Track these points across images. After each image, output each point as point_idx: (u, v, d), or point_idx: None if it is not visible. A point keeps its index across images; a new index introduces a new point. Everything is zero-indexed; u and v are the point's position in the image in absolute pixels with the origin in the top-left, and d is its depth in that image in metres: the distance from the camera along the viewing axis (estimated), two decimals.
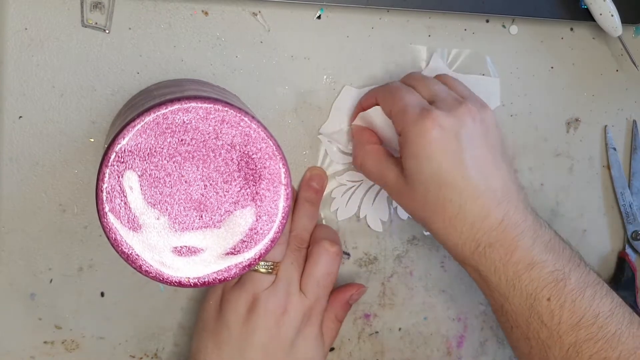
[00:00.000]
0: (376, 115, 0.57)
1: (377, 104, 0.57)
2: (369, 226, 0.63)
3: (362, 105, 0.59)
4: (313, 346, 0.58)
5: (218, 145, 0.46)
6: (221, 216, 0.46)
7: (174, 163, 0.45)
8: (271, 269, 0.56)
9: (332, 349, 0.56)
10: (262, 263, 0.55)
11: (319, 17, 0.59)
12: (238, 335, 0.55)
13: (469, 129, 0.52)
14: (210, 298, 0.57)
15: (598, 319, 0.51)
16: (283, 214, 0.47)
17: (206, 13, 0.57)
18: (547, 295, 0.51)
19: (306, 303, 0.57)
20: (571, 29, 0.64)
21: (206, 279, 0.47)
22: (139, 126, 0.45)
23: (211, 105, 0.45)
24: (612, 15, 0.61)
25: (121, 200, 0.45)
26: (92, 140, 0.57)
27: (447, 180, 0.52)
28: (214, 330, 0.56)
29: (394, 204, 0.63)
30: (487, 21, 0.62)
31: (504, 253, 0.52)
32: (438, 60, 0.61)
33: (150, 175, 0.45)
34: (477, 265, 0.53)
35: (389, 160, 0.56)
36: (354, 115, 0.60)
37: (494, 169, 0.53)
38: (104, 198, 0.45)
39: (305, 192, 0.61)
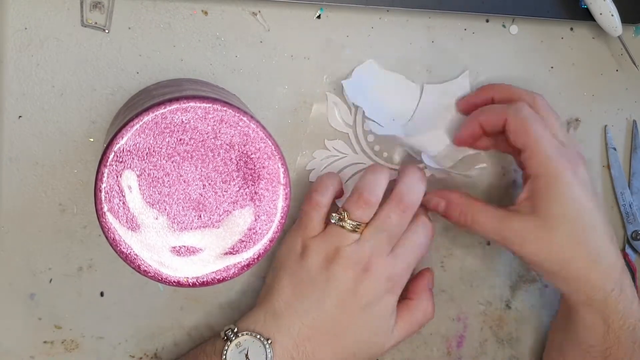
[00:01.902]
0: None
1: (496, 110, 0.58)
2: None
3: (483, 123, 0.58)
4: (389, 315, 0.57)
5: (217, 145, 0.46)
6: (220, 216, 0.46)
7: (172, 163, 0.45)
8: (357, 228, 0.56)
9: None
10: (349, 221, 0.55)
11: (318, 17, 0.59)
12: (316, 279, 0.55)
13: (586, 176, 0.56)
14: (293, 241, 0.57)
15: None
16: (282, 214, 0.47)
17: (206, 13, 0.57)
18: None
19: (392, 269, 0.56)
20: (571, 29, 0.64)
21: (205, 279, 0.47)
22: (137, 126, 0.45)
23: (210, 105, 0.45)
24: (612, 15, 0.61)
25: (120, 200, 0.45)
26: (91, 140, 0.57)
27: (591, 223, 0.55)
28: (292, 271, 0.56)
29: None
30: (487, 21, 0.62)
31: (628, 300, 0.56)
32: (465, 80, 0.61)
33: (148, 175, 0.45)
34: (608, 308, 0.56)
35: (504, 211, 0.57)
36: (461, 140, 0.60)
37: (608, 221, 0.57)
38: (103, 198, 0.45)
39: (408, 166, 0.60)
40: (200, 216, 0.46)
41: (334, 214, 0.56)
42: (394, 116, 0.61)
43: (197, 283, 0.47)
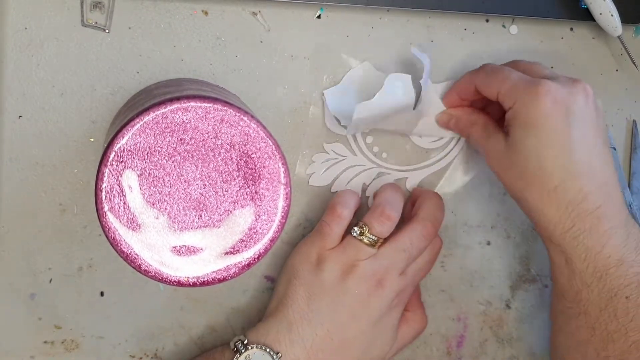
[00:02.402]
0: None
1: (475, 89, 0.58)
2: None
3: (458, 91, 0.59)
4: (392, 328, 0.58)
5: (217, 145, 0.46)
6: (220, 215, 0.46)
7: (173, 162, 0.45)
8: (375, 242, 0.56)
9: None
10: (369, 235, 0.56)
11: (319, 17, 0.59)
12: (330, 291, 0.55)
13: (581, 107, 0.53)
14: (309, 251, 0.57)
15: None
16: (282, 214, 0.47)
17: (206, 13, 0.57)
18: (627, 293, 0.53)
19: (402, 283, 0.57)
20: (571, 29, 0.64)
21: (205, 279, 0.47)
22: (138, 125, 0.45)
23: (210, 105, 0.45)
24: (612, 15, 0.61)
25: (120, 200, 0.45)
26: (92, 139, 0.57)
27: (551, 154, 0.52)
28: (307, 282, 0.56)
29: (368, 192, 0.63)
30: (487, 21, 0.62)
31: (597, 242, 0.53)
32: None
33: (149, 174, 0.45)
34: (566, 247, 0.53)
35: (491, 128, 0.57)
36: (449, 102, 0.60)
37: (598, 153, 0.53)
38: (103, 197, 0.45)
39: (425, 191, 0.62)
40: (200, 216, 0.46)
41: (355, 227, 0.56)
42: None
43: (198, 283, 0.47)
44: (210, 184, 0.46)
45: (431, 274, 0.65)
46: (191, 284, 0.47)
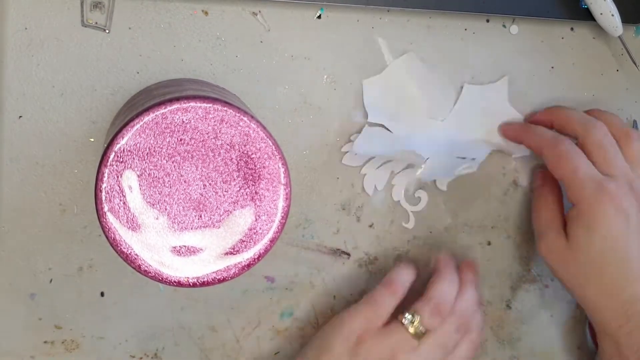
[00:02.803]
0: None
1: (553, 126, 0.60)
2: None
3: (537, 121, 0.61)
4: None
5: (217, 145, 0.46)
6: (220, 216, 0.46)
7: (173, 163, 0.45)
8: (421, 334, 0.56)
9: None
10: (418, 326, 0.56)
11: (319, 17, 0.59)
12: None
13: (637, 214, 0.56)
14: (352, 327, 0.56)
15: None
16: (282, 214, 0.47)
17: (206, 13, 0.57)
18: None
19: None
20: (571, 29, 0.64)
21: (205, 279, 0.47)
22: (138, 126, 0.45)
23: (210, 105, 0.45)
24: (613, 15, 0.61)
25: (120, 200, 0.45)
26: (92, 140, 0.57)
27: (614, 259, 0.56)
28: None
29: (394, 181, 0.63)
30: (488, 21, 0.62)
31: None
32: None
33: (149, 175, 0.45)
34: (620, 339, 0.57)
35: (557, 219, 0.59)
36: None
37: None
38: (103, 198, 0.45)
39: (467, 274, 0.61)
40: (200, 216, 0.46)
41: (407, 314, 0.56)
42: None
43: (198, 283, 0.47)
44: (210, 184, 0.46)
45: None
46: (191, 284, 0.47)
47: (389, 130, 0.60)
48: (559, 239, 0.58)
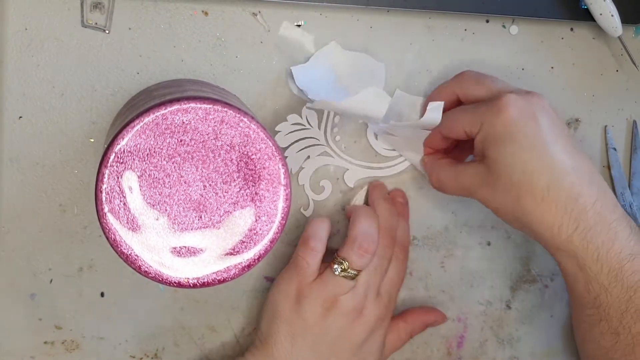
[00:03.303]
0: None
1: (444, 137, 0.58)
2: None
3: (429, 143, 0.60)
4: (378, 348, 0.60)
5: (217, 146, 0.46)
6: (220, 217, 0.46)
7: (173, 164, 0.45)
8: (355, 276, 0.57)
9: None
10: (350, 271, 0.56)
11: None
12: (313, 329, 0.57)
13: (545, 112, 0.52)
14: (288, 287, 0.57)
15: None
16: (282, 215, 0.47)
17: (206, 13, 0.57)
18: None
19: (382, 306, 0.59)
20: (571, 29, 0.64)
21: (205, 280, 0.47)
22: (138, 127, 0.45)
23: (210, 106, 0.45)
24: (612, 15, 0.61)
25: (120, 201, 0.45)
26: (92, 140, 0.57)
27: (532, 156, 0.51)
28: (289, 320, 0.57)
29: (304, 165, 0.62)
30: (487, 21, 0.62)
31: (606, 238, 0.50)
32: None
33: (149, 175, 0.45)
34: (577, 250, 0.51)
35: (459, 165, 0.57)
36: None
37: (574, 149, 0.52)
38: (103, 199, 0.45)
39: (379, 192, 0.61)
40: (200, 217, 0.46)
41: (336, 266, 0.57)
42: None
43: (198, 284, 0.47)
44: (210, 185, 0.46)
45: (431, 274, 0.65)
46: (191, 285, 0.47)
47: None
48: (478, 169, 0.53)
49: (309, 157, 0.61)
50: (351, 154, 0.62)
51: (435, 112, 0.57)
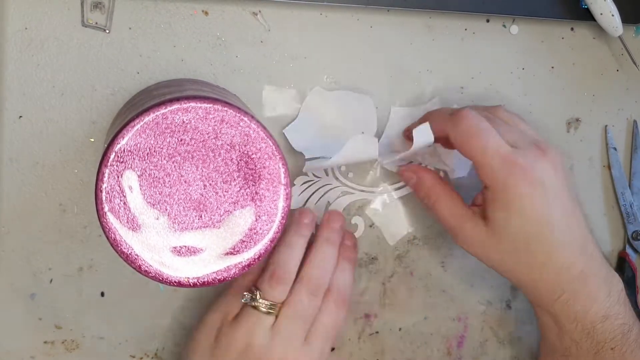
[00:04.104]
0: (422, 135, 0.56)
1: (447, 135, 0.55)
2: None
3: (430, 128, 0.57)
4: None
5: (217, 145, 0.46)
6: (220, 216, 0.46)
7: (173, 163, 0.45)
8: (271, 308, 0.54)
9: (332, 349, 0.56)
10: (262, 301, 0.54)
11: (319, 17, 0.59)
12: None
13: (552, 180, 0.53)
14: (212, 323, 0.56)
15: None
16: (282, 214, 0.47)
17: (206, 13, 0.57)
18: (613, 345, 0.55)
19: (308, 355, 0.55)
20: (571, 29, 0.64)
21: (205, 279, 0.47)
22: (138, 126, 0.45)
23: (210, 105, 0.45)
24: (613, 15, 0.61)
25: (120, 200, 0.45)
26: (92, 140, 0.57)
27: (537, 233, 0.53)
28: None
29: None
30: (488, 21, 0.62)
31: (584, 305, 0.55)
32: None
33: (149, 175, 0.45)
34: (556, 312, 0.56)
35: (465, 208, 0.56)
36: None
37: (574, 218, 0.55)
38: (103, 198, 0.45)
39: (326, 232, 0.59)
40: (201, 216, 0.46)
41: (245, 293, 0.54)
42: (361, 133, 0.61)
43: (198, 283, 0.47)
44: (210, 184, 0.46)
45: (431, 274, 0.65)
46: (191, 284, 0.47)
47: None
48: (476, 227, 0.55)
49: (329, 202, 0.61)
50: (371, 182, 0.62)
51: (423, 135, 0.55)
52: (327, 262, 0.57)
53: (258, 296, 0.54)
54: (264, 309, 0.54)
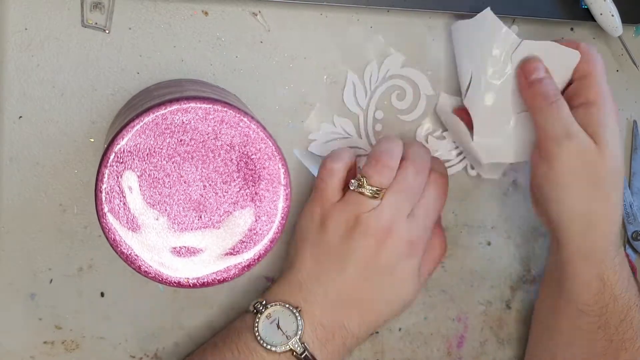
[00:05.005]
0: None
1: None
2: None
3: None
4: (412, 278, 0.57)
5: (217, 146, 0.46)
6: (220, 217, 0.46)
7: (173, 163, 0.45)
8: (377, 193, 0.55)
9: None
10: (368, 187, 0.55)
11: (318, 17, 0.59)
12: (337, 250, 0.55)
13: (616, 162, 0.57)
14: (312, 210, 0.57)
15: None
16: (282, 215, 0.47)
17: (206, 13, 0.57)
18: (638, 302, 0.58)
19: (414, 229, 0.56)
20: (571, 29, 0.64)
21: (205, 280, 0.47)
22: (138, 126, 0.45)
23: (210, 106, 0.45)
24: (613, 15, 0.61)
25: (120, 201, 0.45)
26: (92, 140, 0.57)
27: (620, 177, 0.58)
28: (313, 242, 0.56)
29: None
30: None
31: (622, 260, 0.58)
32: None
33: (149, 175, 0.45)
34: (605, 262, 0.57)
35: (576, 123, 0.57)
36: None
37: (619, 201, 0.59)
38: (103, 198, 0.45)
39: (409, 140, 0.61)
40: (200, 217, 0.46)
41: (353, 180, 0.55)
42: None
43: (198, 284, 0.47)
44: (210, 185, 0.46)
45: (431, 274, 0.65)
46: (191, 285, 0.47)
47: None
48: (590, 142, 0.55)
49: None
50: None
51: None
52: (426, 150, 0.59)
53: (365, 182, 0.55)
54: (369, 194, 0.55)
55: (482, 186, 0.65)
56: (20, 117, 0.55)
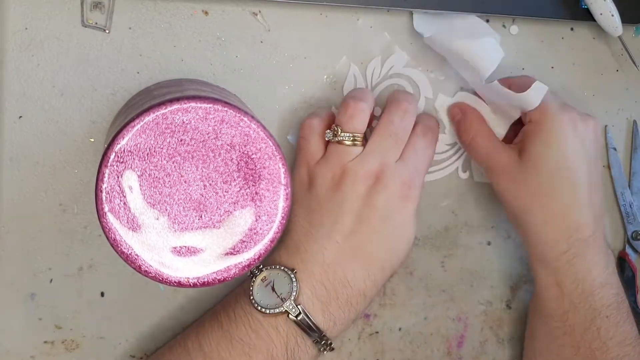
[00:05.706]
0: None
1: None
2: None
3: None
4: (408, 224, 0.56)
5: (217, 146, 0.46)
6: (221, 216, 0.46)
7: (173, 163, 0.45)
8: (356, 140, 0.55)
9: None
10: (343, 134, 0.54)
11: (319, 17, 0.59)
12: (328, 204, 0.54)
13: (591, 144, 0.58)
14: (299, 172, 0.56)
15: (636, 340, 0.58)
16: (283, 214, 0.47)
17: (206, 13, 0.57)
18: (608, 313, 0.57)
19: (405, 173, 0.55)
20: (571, 29, 0.64)
21: (205, 279, 0.47)
22: (138, 126, 0.45)
23: (210, 106, 0.45)
24: (613, 15, 0.61)
25: (120, 201, 0.45)
26: (92, 140, 0.57)
27: (566, 176, 0.56)
28: (304, 202, 0.55)
29: None
30: (487, 21, 0.62)
31: (587, 266, 0.57)
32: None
33: (149, 175, 0.45)
34: (559, 269, 0.57)
35: (500, 142, 0.59)
36: None
37: (598, 187, 0.58)
38: (104, 198, 0.45)
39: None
40: (201, 216, 0.46)
41: (327, 131, 0.55)
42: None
43: (198, 283, 0.47)
44: (210, 184, 0.46)
45: (431, 274, 0.65)
46: (191, 284, 0.47)
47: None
48: (511, 159, 0.57)
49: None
50: None
51: (537, 93, 0.56)
52: (410, 94, 0.59)
53: (339, 131, 0.55)
54: (348, 142, 0.55)
55: (482, 186, 0.65)
56: (20, 117, 0.55)
